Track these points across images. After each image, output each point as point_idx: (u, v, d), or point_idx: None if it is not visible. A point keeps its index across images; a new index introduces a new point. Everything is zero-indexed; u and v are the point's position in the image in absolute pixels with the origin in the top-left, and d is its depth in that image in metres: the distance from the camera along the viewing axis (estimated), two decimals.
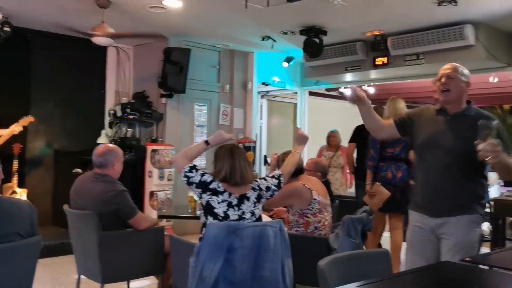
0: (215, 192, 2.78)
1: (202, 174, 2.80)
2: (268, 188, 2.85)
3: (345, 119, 9.78)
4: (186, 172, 2.79)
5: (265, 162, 7.34)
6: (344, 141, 7.20)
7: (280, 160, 3.34)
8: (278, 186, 2.88)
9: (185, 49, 6.13)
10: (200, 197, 2.83)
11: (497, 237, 4.94)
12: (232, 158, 2.83)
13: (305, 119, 7.80)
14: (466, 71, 2.60)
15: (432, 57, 5.54)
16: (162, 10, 4.97)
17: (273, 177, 2.93)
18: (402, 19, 5.13)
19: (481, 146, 2.20)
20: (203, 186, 2.79)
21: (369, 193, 4.31)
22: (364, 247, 3.34)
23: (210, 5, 4.84)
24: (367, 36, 5.89)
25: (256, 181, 2.86)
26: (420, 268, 2.22)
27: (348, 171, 6.55)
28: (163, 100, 6.31)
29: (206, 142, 2.94)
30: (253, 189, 2.87)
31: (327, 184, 4.26)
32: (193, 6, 4.90)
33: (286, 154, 3.31)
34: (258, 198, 2.83)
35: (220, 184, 2.80)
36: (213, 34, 6.06)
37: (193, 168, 2.80)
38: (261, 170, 7.62)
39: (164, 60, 6.00)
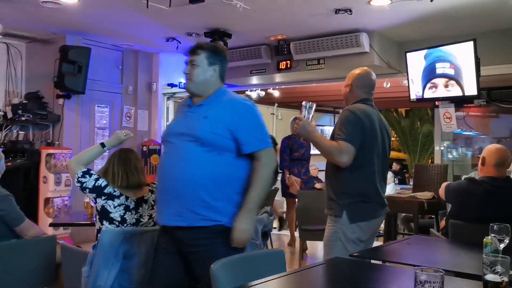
0: (111, 197, 2.70)
1: (97, 179, 2.70)
2: None
3: None
4: (79, 177, 2.68)
5: None
6: None
7: None
8: None
9: (84, 48, 5.84)
10: (95, 202, 2.73)
11: (390, 232, 5.29)
12: (123, 162, 2.77)
13: None
14: (351, 74, 2.93)
15: (332, 62, 5.80)
16: (57, 5, 4.69)
17: None
18: (303, 25, 5.31)
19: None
20: (98, 191, 2.69)
21: (289, 184, 6.11)
22: (265, 247, 3.39)
23: (109, 2, 4.65)
24: (271, 40, 6.02)
25: (154, 183, 2.81)
26: (312, 265, 2.29)
27: None
28: (60, 101, 5.95)
29: (102, 144, 2.83)
30: (151, 191, 2.81)
31: None
32: (89, 3, 4.67)
33: None
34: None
35: (116, 188, 2.71)
36: (114, 33, 5.84)
37: (87, 173, 2.69)
38: None
39: (60, 59, 5.66)
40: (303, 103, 2.78)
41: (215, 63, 2.40)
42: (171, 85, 7.22)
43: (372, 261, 2.49)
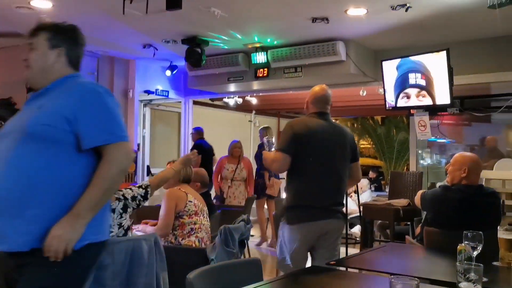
0: None
1: None
2: (133, 198, 2.79)
3: (230, 129, 9.94)
4: None
5: (148, 172, 7.13)
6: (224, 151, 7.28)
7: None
8: (145, 196, 2.84)
9: None
10: None
11: (366, 239, 5.33)
12: None
13: (189, 128, 7.74)
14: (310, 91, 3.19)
15: (309, 70, 5.84)
16: (30, 11, 4.60)
17: (140, 186, 2.86)
18: (280, 33, 5.33)
19: None
20: None
21: (269, 185, 6.44)
22: (242, 256, 3.37)
23: (84, 8, 4.59)
24: (248, 48, 6.03)
25: (121, 190, 2.76)
26: (289, 274, 2.28)
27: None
28: None
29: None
30: (118, 199, 2.76)
31: (207, 195, 4.27)
32: (64, 8, 4.60)
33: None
34: (124, 208, 2.74)
35: None
36: (89, 39, 5.66)
37: None
38: (145, 179, 7.39)
39: None
40: (264, 140, 3.18)
41: (58, 45, 1.97)
42: (148, 92, 7.16)
43: (349, 270, 2.49)
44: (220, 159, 6.66)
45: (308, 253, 3.00)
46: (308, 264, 2.97)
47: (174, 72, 6.76)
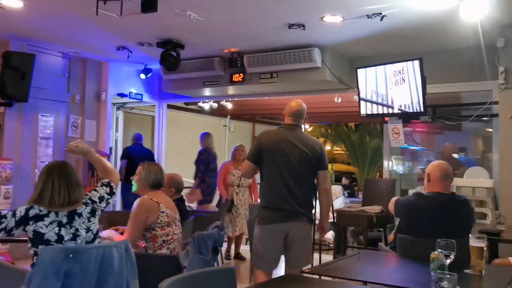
0: (39, 217, 2.52)
1: (13, 214, 2.52)
2: (101, 198, 2.72)
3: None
4: None
5: (121, 176, 6.99)
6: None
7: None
8: (111, 192, 2.77)
9: (28, 54, 5.58)
10: (25, 231, 2.54)
11: (340, 245, 5.34)
12: (47, 178, 2.60)
13: (163, 132, 7.65)
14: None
15: (284, 76, 5.85)
16: (0, 10, 4.46)
17: (103, 185, 2.79)
18: (256, 39, 5.32)
19: None
20: (23, 221, 2.52)
21: (190, 193, 6.44)
22: (216, 264, 3.32)
23: (56, 8, 4.47)
24: (224, 53, 6.00)
25: (87, 194, 2.68)
26: (263, 283, 2.25)
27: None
28: (1, 109, 5.64)
29: None
30: (85, 204, 2.67)
31: (181, 200, 4.19)
32: (36, 8, 4.48)
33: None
34: (92, 212, 2.66)
35: (41, 207, 2.54)
36: (61, 40, 5.63)
37: (1, 217, 2.51)
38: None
39: (2, 65, 5.37)
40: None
41: None
42: (121, 95, 7.04)
43: (323, 278, 2.48)
44: (224, 164, 6.23)
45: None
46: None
47: (149, 75, 6.67)
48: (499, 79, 4.69)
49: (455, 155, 6.84)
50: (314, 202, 3.46)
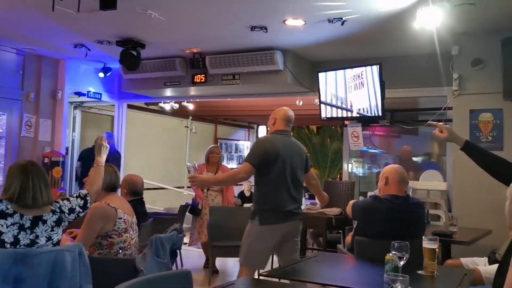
0: (3, 215, 2.43)
1: None
2: (72, 210, 2.62)
3: (166, 134, 9.75)
4: None
5: (77, 178, 6.81)
6: (168, 159, 7.13)
7: None
8: (84, 206, 2.67)
9: None
10: None
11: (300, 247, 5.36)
12: (25, 177, 2.52)
13: (123, 133, 7.50)
14: (276, 111, 3.61)
15: (247, 78, 5.85)
16: None
17: (78, 196, 2.69)
18: (219, 40, 5.29)
19: None
20: None
21: None
22: (173, 267, 3.26)
23: (9, 2, 4.30)
24: (186, 53, 5.94)
25: (58, 202, 2.58)
26: (221, 286, 2.23)
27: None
28: None
29: None
30: (53, 212, 2.58)
31: (140, 202, 4.12)
32: None
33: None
34: (58, 222, 2.56)
35: (9, 206, 2.45)
36: (15, 35, 5.41)
37: None
38: (72, 186, 7.06)
39: None
40: (187, 165, 3.53)
41: None
42: (79, 93, 6.86)
43: (282, 281, 2.48)
44: (199, 166, 5.67)
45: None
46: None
47: (108, 74, 6.52)
48: (453, 85, 4.85)
49: (416, 159, 7.02)
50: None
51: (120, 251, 3.02)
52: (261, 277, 2.32)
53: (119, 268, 2.98)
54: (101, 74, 6.49)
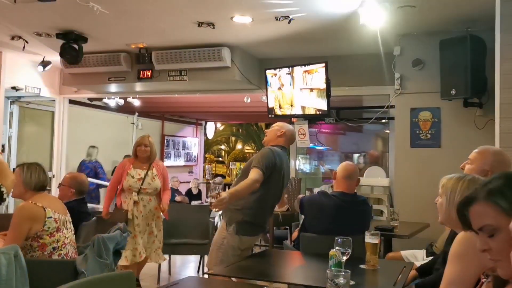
0: None
1: None
2: None
3: (110, 131, 9.47)
4: None
5: None
6: (113, 156, 6.89)
7: None
8: (1, 199, 2.55)
9: None
10: None
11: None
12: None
13: (64, 129, 7.21)
14: (284, 125, 3.56)
15: (194, 74, 5.77)
16: None
17: None
18: (165, 35, 5.19)
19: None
20: None
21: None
22: (115, 268, 3.17)
23: None
24: (131, 48, 5.78)
25: None
26: (165, 286, 2.19)
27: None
28: None
29: None
30: None
31: (82, 201, 3.97)
32: None
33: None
34: None
35: None
36: None
37: None
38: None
39: None
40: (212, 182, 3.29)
41: None
42: (16, 88, 6.51)
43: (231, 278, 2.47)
44: (122, 162, 4.84)
45: None
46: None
47: (47, 68, 6.23)
48: (395, 84, 5.02)
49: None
50: None
51: (54, 251, 2.89)
52: (206, 276, 2.29)
53: (58, 270, 2.86)
54: (40, 68, 6.20)
